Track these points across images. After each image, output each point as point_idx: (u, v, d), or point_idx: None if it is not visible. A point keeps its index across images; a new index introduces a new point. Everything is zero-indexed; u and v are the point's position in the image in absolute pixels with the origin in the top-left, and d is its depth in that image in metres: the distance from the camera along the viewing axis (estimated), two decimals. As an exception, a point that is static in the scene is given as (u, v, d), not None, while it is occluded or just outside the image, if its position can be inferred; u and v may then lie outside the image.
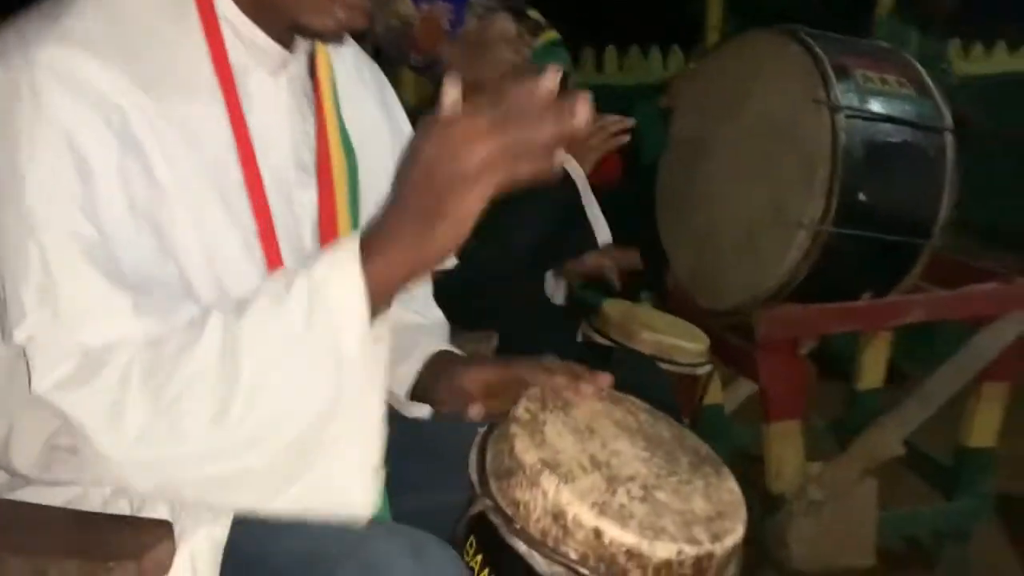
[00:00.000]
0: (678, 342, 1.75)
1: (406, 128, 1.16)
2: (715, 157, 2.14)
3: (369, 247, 0.75)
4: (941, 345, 2.33)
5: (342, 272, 0.74)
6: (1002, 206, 3.84)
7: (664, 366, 1.71)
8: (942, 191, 1.94)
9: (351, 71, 1.09)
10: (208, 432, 0.73)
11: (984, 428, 2.10)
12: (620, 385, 1.66)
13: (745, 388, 2.44)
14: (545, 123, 0.70)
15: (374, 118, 1.12)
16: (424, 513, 0.97)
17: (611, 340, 1.76)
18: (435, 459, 0.97)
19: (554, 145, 0.70)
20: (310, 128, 0.99)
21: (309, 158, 0.98)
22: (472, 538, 0.75)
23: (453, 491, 0.98)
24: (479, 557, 0.74)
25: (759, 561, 2.12)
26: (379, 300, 0.75)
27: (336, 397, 0.74)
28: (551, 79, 0.71)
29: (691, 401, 1.78)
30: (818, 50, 1.92)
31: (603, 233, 1.75)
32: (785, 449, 2.01)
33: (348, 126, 1.05)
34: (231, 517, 0.80)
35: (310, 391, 0.74)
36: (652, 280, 2.28)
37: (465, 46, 1.88)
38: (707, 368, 1.80)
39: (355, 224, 1.03)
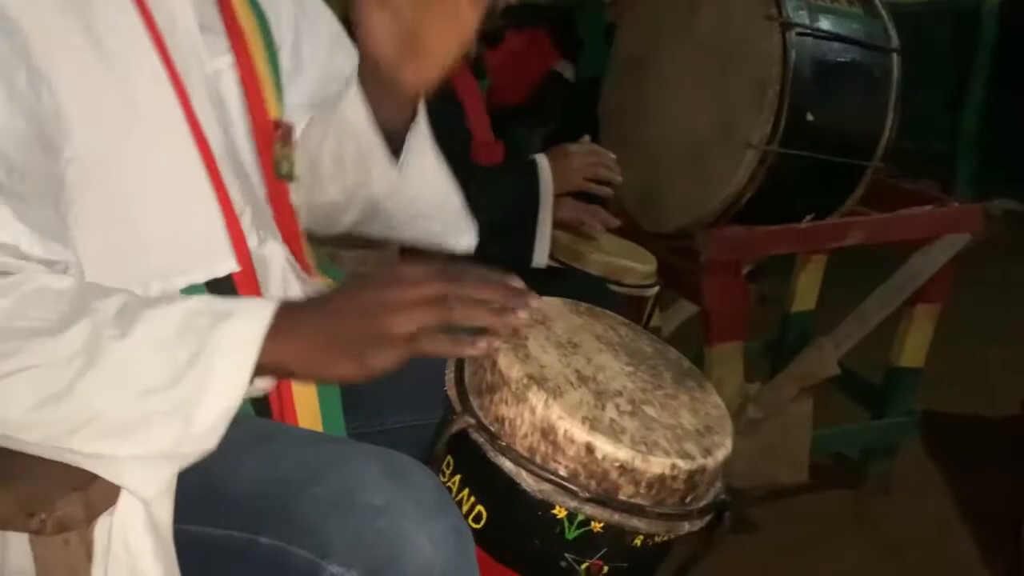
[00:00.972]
0: (627, 263, 1.72)
1: None
2: (662, 75, 2.10)
3: (279, 327, 0.70)
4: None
5: (240, 347, 0.69)
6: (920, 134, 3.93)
7: (613, 287, 1.69)
8: (887, 112, 1.94)
9: None
10: (28, 413, 0.67)
11: (914, 348, 2.15)
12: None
13: (684, 310, 2.45)
14: (492, 295, 0.72)
15: None
16: (386, 435, 0.93)
17: (559, 262, 1.73)
18: (396, 378, 0.92)
19: (488, 320, 0.72)
20: None
21: (214, 19, 0.92)
22: (449, 458, 0.70)
23: (417, 411, 0.94)
24: (457, 477, 0.70)
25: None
26: (260, 374, 0.71)
27: (167, 450, 0.69)
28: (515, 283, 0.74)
29: (638, 322, 1.77)
30: (769, -35, 1.88)
31: (541, 254, 1.68)
32: (726, 370, 2.02)
33: None
34: None
35: (142, 438, 0.68)
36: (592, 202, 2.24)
37: None
38: (655, 289, 1.78)
39: (278, 91, 0.98)
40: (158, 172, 0.84)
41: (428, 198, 1.03)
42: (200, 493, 0.70)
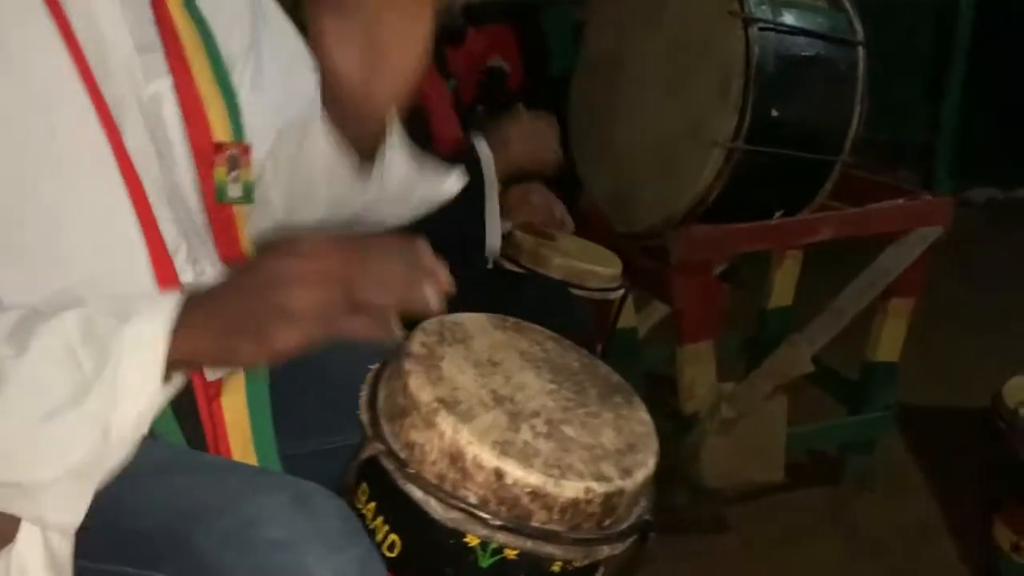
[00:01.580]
0: (590, 267, 1.70)
1: (271, 11, 1.04)
2: (630, 72, 2.08)
3: (184, 318, 0.68)
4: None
5: (145, 346, 0.66)
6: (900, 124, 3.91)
7: (576, 291, 1.67)
8: (853, 107, 1.92)
9: None
10: None
11: (889, 343, 2.14)
12: (531, 312, 1.61)
13: (658, 310, 2.43)
14: (399, 267, 0.68)
15: None
16: (317, 456, 0.91)
17: (522, 267, 1.71)
18: (328, 399, 0.90)
19: (396, 297, 0.67)
20: (145, 3, 0.88)
21: (152, 38, 0.88)
22: (364, 484, 0.68)
23: (346, 432, 0.92)
24: (372, 504, 0.68)
25: (672, 480, 2.15)
26: (174, 370, 0.69)
27: (90, 463, 0.67)
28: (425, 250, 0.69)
29: (604, 326, 1.75)
30: (732, -40, 1.85)
31: (494, 239, 1.66)
32: (698, 370, 2.01)
33: None
34: None
35: (60, 458, 0.66)
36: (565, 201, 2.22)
37: None
38: (620, 292, 1.76)
39: (229, 106, 0.94)
40: (79, 210, 0.81)
41: (410, 195, 1.01)
42: (103, 527, 0.68)
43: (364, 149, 0.93)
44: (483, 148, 1.66)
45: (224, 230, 0.95)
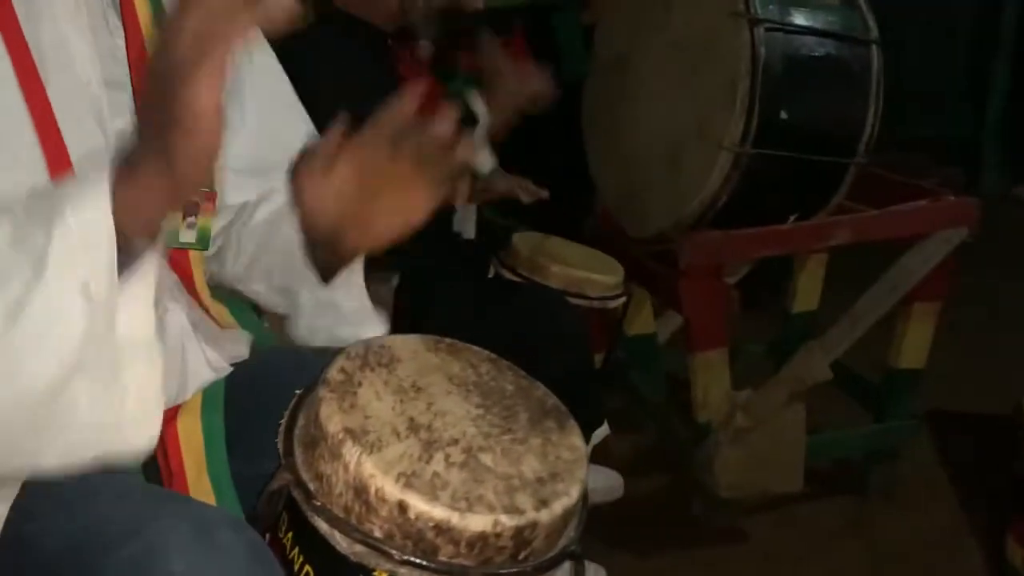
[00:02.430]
0: (588, 275, 1.68)
1: (256, 48, 1.02)
2: (638, 75, 2.05)
3: (125, 164, 0.66)
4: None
5: (87, 198, 0.65)
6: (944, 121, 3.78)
7: (575, 300, 1.64)
8: (867, 107, 1.86)
9: None
10: None
11: (914, 349, 2.07)
12: (527, 321, 1.59)
13: (678, 317, 2.39)
14: None
15: None
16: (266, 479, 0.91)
17: (520, 275, 1.69)
18: (275, 424, 0.89)
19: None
20: (120, 41, 0.87)
21: (122, 74, 0.87)
22: (284, 513, 0.68)
23: None
24: (290, 534, 0.67)
25: (689, 488, 2.11)
26: (136, 230, 0.67)
27: (88, 337, 0.66)
28: None
29: (605, 334, 1.72)
30: (739, -42, 1.81)
31: (485, 163, 1.64)
32: (710, 378, 1.97)
33: None
34: (14, 492, 0.72)
35: (50, 341, 0.65)
36: (577, 209, 2.20)
37: None
38: (620, 300, 1.73)
39: None
40: None
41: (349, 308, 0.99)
42: (12, 552, 0.68)
43: (323, 267, 0.93)
44: (477, 101, 1.65)
45: (183, 270, 0.95)
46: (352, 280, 0.98)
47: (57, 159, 0.80)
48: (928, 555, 1.96)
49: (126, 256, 0.68)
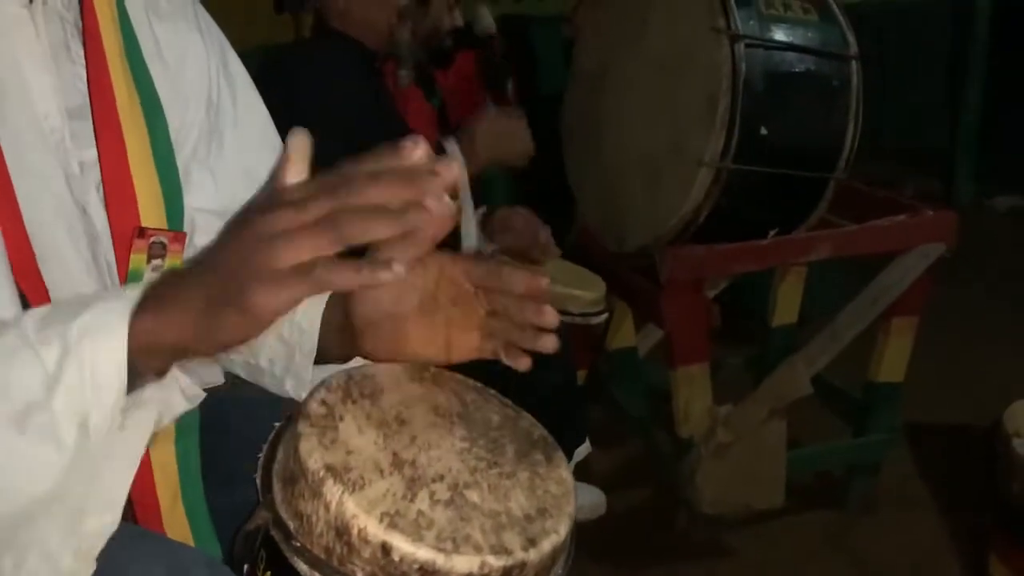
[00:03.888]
0: (570, 291, 1.67)
1: (234, 66, 0.99)
2: (618, 90, 2.04)
3: (152, 299, 0.62)
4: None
5: (106, 331, 0.62)
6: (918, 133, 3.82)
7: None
8: (847, 122, 1.86)
9: None
10: None
11: (893, 362, 2.07)
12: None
13: (657, 331, 2.39)
14: (390, 188, 0.58)
15: (185, 46, 0.93)
16: (247, 508, 0.88)
17: (502, 292, 1.67)
18: (257, 448, 0.87)
19: (392, 226, 0.58)
20: (83, 70, 0.83)
21: (83, 102, 0.83)
22: (263, 551, 0.65)
23: None
24: (269, 573, 0.65)
25: (671, 503, 2.10)
26: (147, 362, 0.64)
27: (66, 478, 0.63)
28: (411, 149, 0.59)
29: (587, 351, 1.71)
30: (718, -26, 1.81)
31: (469, 238, 1.63)
32: (692, 393, 1.96)
33: (153, 60, 0.89)
34: None
35: (34, 464, 0.62)
36: (557, 224, 2.19)
37: None
38: (603, 317, 1.72)
39: (167, 189, 0.88)
40: None
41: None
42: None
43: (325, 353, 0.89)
44: (452, 147, 1.64)
45: None
46: None
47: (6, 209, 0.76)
48: (910, 569, 1.97)
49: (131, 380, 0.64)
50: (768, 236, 1.93)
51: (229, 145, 0.97)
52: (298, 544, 0.62)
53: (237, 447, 0.89)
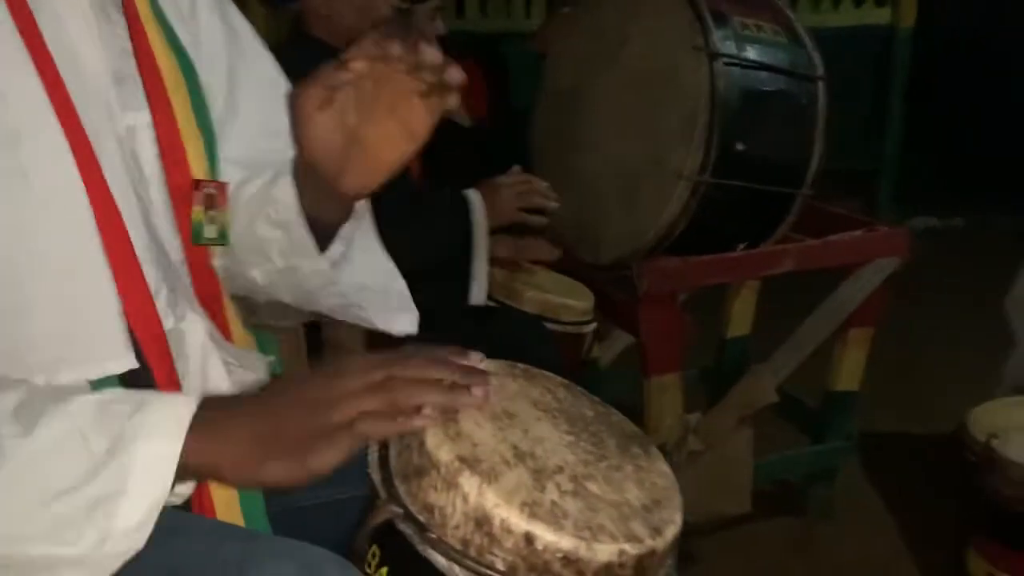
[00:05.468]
0: (564, 300, 1.69)
1: (235, 18, 1.00)
2: (593, 106, 2.07)
3: (203, 420, 0.65)
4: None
5: (162, 434, 0.63)
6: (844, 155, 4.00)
7: (550, 325, 1.64)
8: (814, 140, 1.95)
9: None
10: None
11: (850, 372, 2.16)
12: (505, 346, 1.58)
13: (621, 340, 2.42)
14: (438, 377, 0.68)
15: (197, 4, 0.95)
16: (305, 512, 0.87)
17: (496, 300, 1.68)
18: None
19: (437, 399, 0.67)
20: (121, 32, 0.83)
21: (129, 70, 0.83)
22: (375, 548, 0.64)
23: (335, 486, 0.87)
24: (384, 570, 0.63)
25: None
26: (181, 475, 0.65)
27: (90, 552, 0.63)
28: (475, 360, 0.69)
29: (575, 359, 1.73)
30: (695, -6, 1.87)
31: (479, 293, 1.64)
32: (665, 402, 1.99)
33: (176, 20, 0.90)
34: None
35: (61, 541, 0.62)
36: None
37: None
38: (592, 326, 1.75)
39: (208, 146, 0.89)
40: (49, 255, 0.76)
41: (365, 289, 0.96)
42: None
43: (327, 226, 0.90)
44: (475, 199, 1.64)
45: (201, 271, 0.91)
46: (368, 245, 0.95)
47: (85, 159, 0.77)
48: (872, 569, 2.04)
49: None
50: (737, 249, 1.99)
51: (244, 97, 0.98)
52: (434, 536, 0.61)
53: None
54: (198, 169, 0.88)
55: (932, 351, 3.02)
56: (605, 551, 0.60)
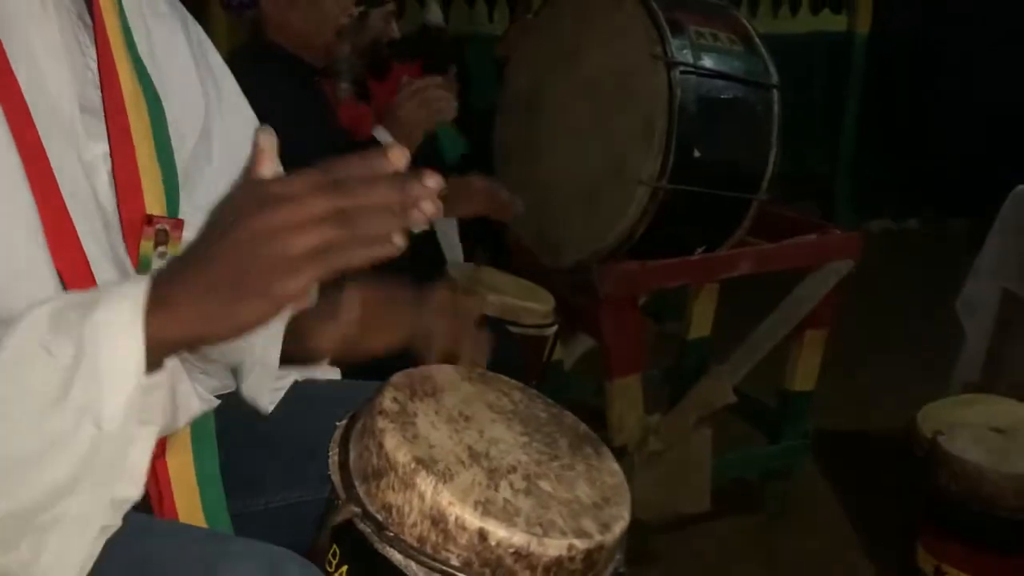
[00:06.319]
0: (525, 303, 1.71)
1: (215, 62, 1.01)
2: (553, 111, 2.11)
3: (158, 297, 0.63)
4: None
5: (119, 328, 0.63)
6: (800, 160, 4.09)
7: (512, 328, 1.67)
8: (770, 146, 2.00)
9: None
10: None
11: (805, 373, 2.21)
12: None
13: (583, 344, 2.46)
14: (386, 192, 0.62)
15: (174, 46, 0.96)
16: (270, 514, 0.88)
17: (456, 304, 1.70)
18: (277, 454, 0.87)
19: (394, 224, 0.62)
20: (92, 63, 0.84)
21: (95, 98, 0.84)
22: (335, 547, 0.66)
23: (301, 488, 0.89)
24: (344, 568, 0.66)
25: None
26: (158, 355, 0.65)
27: (84, 468, 0.63)
28: (395, 155, 0.63)
29: (538, 361, 1.76)
30: (653, 4, 1.91)
31: (454, 253, 1.67)
32: (627, 403, 2.03)
33: (146, 55, 0.91)
34: None
35: (50, 461, 0.63)
36: (489, 237, 2.23)
37: None
38: (554, 328, 1.78)
39: (167, 181, 0.90)
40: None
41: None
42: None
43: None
44: (382, 134, 1.69)
45: None
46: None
47: (45, 190, 0.77)
48: (826, 569, 2.10)
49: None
50: (696, 253, 2.04)
51: (219, 146, 0.98)
52: (391, 534, 0.63)
53: (257, 455, 0.89)
54: (154, 204, 0.88)
55: (888, 350, 3.10)
56: (555, 546, 0.63)
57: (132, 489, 0.66)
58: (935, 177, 4.22)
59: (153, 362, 0.64)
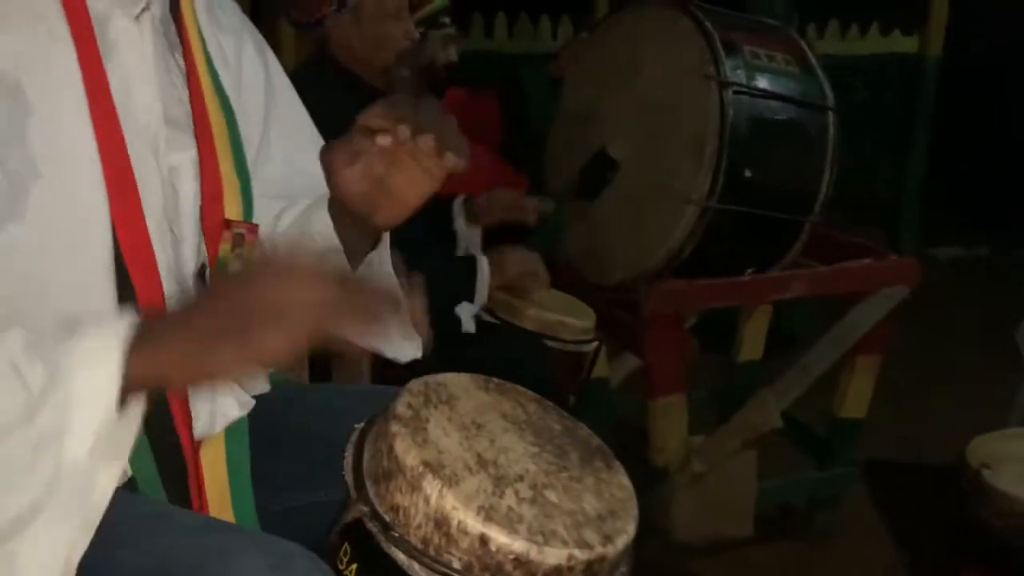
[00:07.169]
0: (563, 319, 1.72)
1: (277, 78, 1.07)
2: (603, 128, 2.12)
3: (143, 335, 0.65)
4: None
5: (96, 358, 0.64)
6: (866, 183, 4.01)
7: (550, 343, 1.68)
8: (823, 169, 1.97)
9: (203, 10, 0.98)
10: None
11: (856, 399, 2.17)
12: (503, 361, 1.63)
13: (631, 361, 2.45)
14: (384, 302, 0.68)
15: (239, 61, 1.02)
16: (294, 512, 0.91)
17: (497, 318, 1.72)
18: (305, 454, 0.90)
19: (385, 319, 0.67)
20: (177, 79, 0.90)
21: (181, 113, 0.89)
22: (347, 545, 0.69)
23: (325, 488, 0.92)
24: (354, 566, 0.68)
25: (643, 532, 2.15)
26: (132, 391, 0.65)
27: (48, 497, 0.64)
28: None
29: (577, 377, 1.77)
30: (708, 24, 1.91)
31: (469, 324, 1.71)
32: (669, 423, 2.02)
33: (221, 68, 0.97)
34: None
35: (9, 487, 0.63)
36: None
37: (352, 16, 1.81)
38: (593, 344, 1.78)
39: (244, 188, 0.95)
40: (70, 266, 0.80)
41: None
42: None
43: (354, 252, 0.96)
44: (483, 264, 1.71)
45: None
46: (386, 272, 1.00)
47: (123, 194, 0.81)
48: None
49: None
50: (746, 274, 2.02)
51: (276, 139, 1.05)
52: (397, 535, 0.65)
53: (286, 455, 0.93)
54: (232, 210, 0.93)
55: (947, 380, 3.01)
56: (555, 555, 0.64)
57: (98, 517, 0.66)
58: (1006, 204, 4.10)
59: (125, 396, 0.65)
